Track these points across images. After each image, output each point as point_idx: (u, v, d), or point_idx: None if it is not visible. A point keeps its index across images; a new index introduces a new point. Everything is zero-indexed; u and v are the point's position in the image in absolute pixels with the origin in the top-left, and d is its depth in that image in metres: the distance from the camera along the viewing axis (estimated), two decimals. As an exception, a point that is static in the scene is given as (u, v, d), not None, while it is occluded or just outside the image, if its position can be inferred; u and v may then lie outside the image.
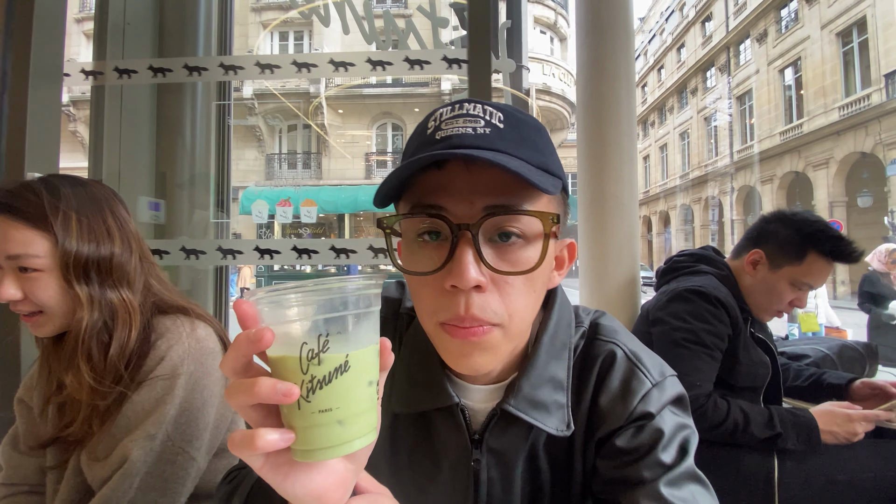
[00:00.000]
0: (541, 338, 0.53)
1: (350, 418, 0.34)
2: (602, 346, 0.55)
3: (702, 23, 21.26)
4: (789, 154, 15.52)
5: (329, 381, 0.33)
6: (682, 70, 22.48)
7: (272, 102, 14.71)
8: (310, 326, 0.34)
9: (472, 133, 0.44)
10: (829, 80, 13.91)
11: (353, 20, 1.66)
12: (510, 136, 0.45)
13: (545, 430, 0.51)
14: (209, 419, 0.77)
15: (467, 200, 0.44)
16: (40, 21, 1.28)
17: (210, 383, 0.77)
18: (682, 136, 23.07)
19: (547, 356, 0.53)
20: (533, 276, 0.46)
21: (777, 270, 1.20)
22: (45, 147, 1.30)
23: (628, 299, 1.50)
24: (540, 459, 0.55)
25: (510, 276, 0.44)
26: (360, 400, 0.35)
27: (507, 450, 0.54)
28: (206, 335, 0.79)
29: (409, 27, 1.65)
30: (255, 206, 1.60)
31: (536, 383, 0.52)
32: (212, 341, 0.79)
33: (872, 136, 12.56)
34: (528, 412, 0.51)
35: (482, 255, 0.43)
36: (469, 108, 0.46)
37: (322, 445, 0.33)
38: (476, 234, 0.43)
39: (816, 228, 1.16)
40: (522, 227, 0.45)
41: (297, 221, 13.81)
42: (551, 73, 14.92)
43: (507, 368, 0.54)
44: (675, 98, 23.70)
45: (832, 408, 1.09)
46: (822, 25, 14.16)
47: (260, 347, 0.32)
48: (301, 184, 14.58)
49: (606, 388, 0.53)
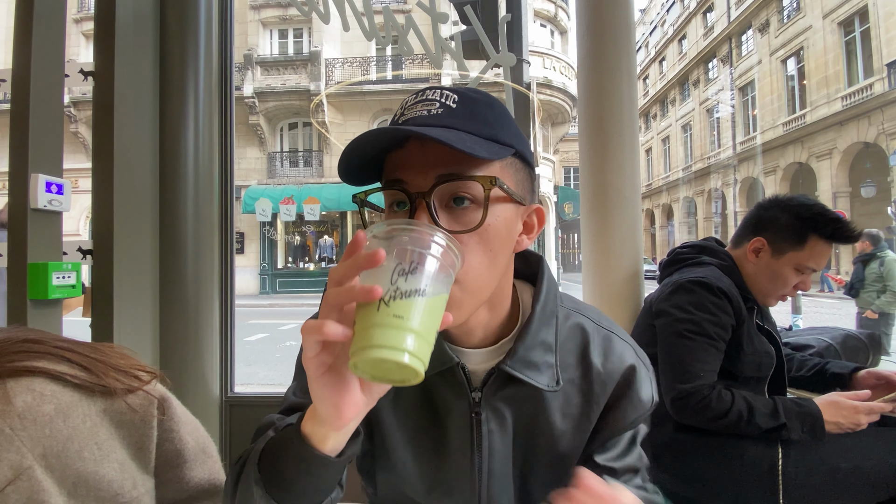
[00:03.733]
0: (535, 307, 0.60)
1: (415, 334, 0.38)
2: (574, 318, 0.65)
3: (703, 13, 21.12)
4: (792, 145, 15.45)
5: (408, 296, 0.38)
6: (684, 62, 22.35)
7: (273, 101, 14.71)
8: (402, 254, 0.41)
9: (426, 115, 0.51)
10: (832, 70, 13.83)
11: (353, 17, 1.66)
12: (461, 114, 0.51)
13: (538, 386, 0.59)
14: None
15: (422, 173, 0.50)
16: (40, 20, 1.29)
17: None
18: (684, 129, 22.97)
19: (539, 323, 0.60)
20: (486, 235, 0.51)
21: (780, 257, 1.20)
22: (48, 148, 1.31)
23: (631, 292, 1.50)
24: (538, 416, 0.62)
25: (462, 235, 0.50)
26: (426, 329, 0.39)
27: (505, 405, 0.61)
28: (33, 402, 0.47)
29: (408, 23, 1.65)
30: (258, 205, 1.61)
31: (530, 346, 0.59)
32: (45, 405, 0.48)
33: (875, 125, 12.49)
34: (523, 371, 0.58)
35: (435, 219, 0.49)
36: (428, 94, 0.53)
37: (385, 343, 0.37)
38: (430, 201, 0.49)
39: (815, 212, 1.16)
40: (473, 192, 0.50)
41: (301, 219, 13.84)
42: (552, 67, 14.84)
43: (497, 333, 0.61)
44: (676, 90, 23.58)
45: (838, 398, 1.09)
46: (824, 15, 14.06)
47: (375, 263, 0.38)
48: (303, 182, 14.60)
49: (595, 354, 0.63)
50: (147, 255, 1.58)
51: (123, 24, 1.45)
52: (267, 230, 14.53)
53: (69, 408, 0.49)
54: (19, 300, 1.27)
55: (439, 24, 1.65)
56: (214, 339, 1.73)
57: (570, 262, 29.70)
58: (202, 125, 1.69)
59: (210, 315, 1.71)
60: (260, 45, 15.21)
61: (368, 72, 15.12)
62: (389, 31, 1.72)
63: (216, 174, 1.74)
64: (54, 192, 1.29)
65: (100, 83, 1.43)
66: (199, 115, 1.68)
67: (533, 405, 0.61)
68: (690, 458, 1.15)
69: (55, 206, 1.29)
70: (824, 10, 14.01)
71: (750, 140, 17.63)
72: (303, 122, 15.55)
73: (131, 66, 1.51)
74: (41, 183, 1.27)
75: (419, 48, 1.72)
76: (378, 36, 1.69)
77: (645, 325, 1.28)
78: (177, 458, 0.58)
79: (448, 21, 1.70)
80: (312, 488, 0.49)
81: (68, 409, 0.49)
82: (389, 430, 0.64)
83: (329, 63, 14.76)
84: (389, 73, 15.18)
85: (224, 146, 1.77)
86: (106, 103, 1.42)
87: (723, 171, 18.99)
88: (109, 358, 0.55)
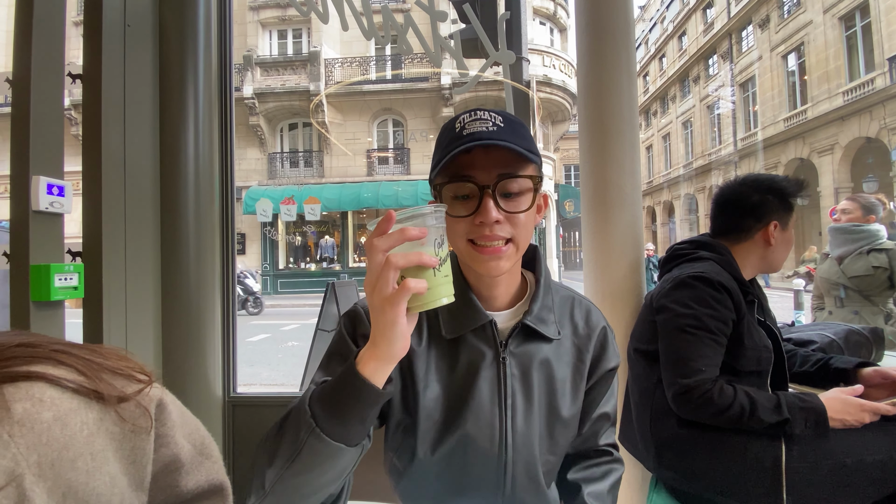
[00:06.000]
0: (539, 280, 0.84)
1: (450, 284, 0.60)
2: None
3: (703, 9, 21.06)
4: (794, 141, 15.40)
5: (445, 260, 0.59)
6: (684, 58, 22.31)
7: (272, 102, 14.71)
8: (435, 231, 0.59)
9: (485, 130, 0.70)
10: (833, 65, 13.77)
11: (352, 16, 1.66)
12: (508, 131, 0.71)
13: (546, 334, 0.80)
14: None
15: (486, 171, 0.71)
16: (40, 23, 1.29)
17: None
18: (684, 125, 22.92)
19: (543, 292, 0.83)
20: (530, 213, 0.74)
21: (786, 228, 1.31)
22: (49, 150, 1.31)
23: (632, 289, 1.50)
24: (547, 362, 0.81)
25: (519, 215, 0.72)
26: (453, 276, 0.63)
27: (524, 353, 0.80)
28: (31, 408, 0.45)
29: (407, 22, 1.65)
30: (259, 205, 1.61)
31: (541, 308, 0.81)
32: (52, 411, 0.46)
33: (877, 120, 12.44)
34: (538, 325, 0.79)
35: (498, 203, 0.70)
36: (481, 115, 0.73)
37: (443, 295, 0.58)
38: (493, 191, 0.70)
39: (782, 180, 1.33)
40: (520, 186, 0.73)
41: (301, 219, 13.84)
42: (552, 65, 14.82)
43: (512, 299, 0.83)
44: (677, 87, 23.53)
45: (844, 396, 1.09)
46: (824, 10, 13.99)
47: (422, 236, 0.56)
48: (303, 182, 14.60)
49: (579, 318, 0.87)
50: (149, 256, 1.59)
51: (111, 27, 1.45)
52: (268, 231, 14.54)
53: (67, 415, 0.48)
54: (22, 302, 1.28)
55: (438, 23, 1.65)
56: (216, 339, 1.73)
57: (571, 260, 29.66)
58: (202, 126, 1.69)
59: (212, 316, 1.72)
60: (259, 45, 15.21)
61: (368, 71, 15.12)
62: (388, 30, 1.72)
63: (217, 175, 1.74)
64: (55, 194, 1.29)
65: (88, 86, 1.43)
66: (199, 117, 1.68)
67: (543, 354, 0.81)
68: (693, 454, 1.15)
69: (56, 208, 1.30)
70: (825, 4, 13.95)
71: (751, 136, 17.59)
72: (303, 122, 15.55)
73: (128, 69, 1.51)
74: (42, 185, 1.27)
75: (418, 47, 1.72)
76: (377, 35, 1.69)
77: (646, 322, 1.29)
78: (173, 464, 0.56)
79: (447, 19, 1.70)
80: (361, 419, 0.61)
81: (66, 417, 0.48)
82: (419, 374, 0.79)
83: (328, 63, 14.76)
84: (389, 73, 15.18)
85: (224, 147, 1.77)
86: (94, 106, 1.42)
87: (724, 168, 18.94)
88: (106, 360, 0.53)
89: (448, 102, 14.26)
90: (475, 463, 0.78)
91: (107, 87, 1.43)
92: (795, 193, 1.32)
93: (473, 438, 0.77)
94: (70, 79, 1.43)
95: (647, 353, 1.26)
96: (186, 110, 1.66)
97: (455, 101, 14.21)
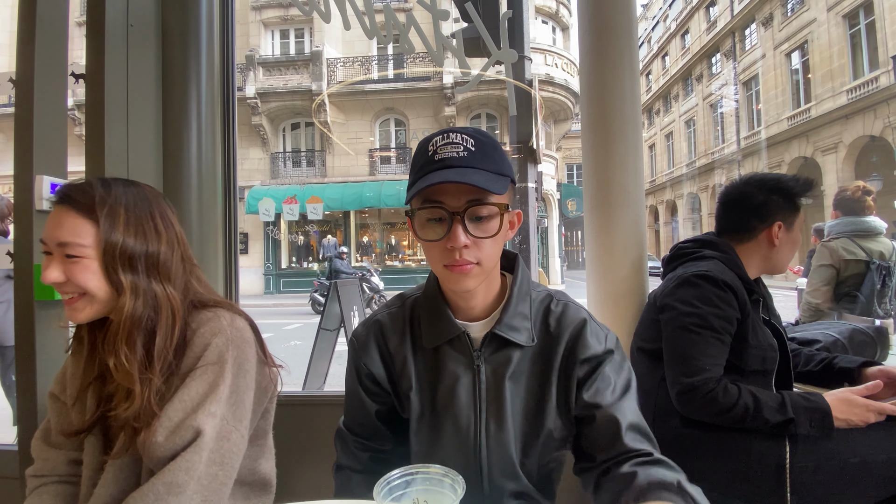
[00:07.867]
0: (513, 289, 0.86)
1: None
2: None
3: (706, 8, 20.99)
4: (797, 139, 15.34)
5: None
6: (687, 57, 22.23)
7: (275, 101, 14.74)
8: None
9: (455, 156, 0.75)
10: (837, 63, 13.71)
11: (354, 16, 1.66)
12: (479, 155, 0.75)
13: (517, 342, 0.83)
14: (250, 402, 0.86)
15: (456, 197, 0.75)
16: (43, 24, 1.29)
17: (250, 369, 0.86)
18: (687, 124, 22.86)
19: (516, 300, 0.85)
20: (498, 237, 0.78)
21: (791, 229, 1.29)
22: (53, 150, 1.31)
23: (635, 288, 1.50)
24: (523, 371, 0.85)
25: (486, 239, 0.76)
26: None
27: (497, 360, 0.84)
28: (243, 326, 0.88)
29: (409, 21, 1.65)
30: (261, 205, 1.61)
31: (512, 316, 0.84)
32: (248, 332, 0.88)
33: (881, 118, 12.38)
34: (507, 333, 0.83)
35: (467, 229, 0.75)
36: (453, 138, 0.76)
37: None
38: (462, 216, 0.74)
39: (788, 180, 1.30)
40: (489, 211, 0.76)
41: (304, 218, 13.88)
42: (554, 64, 14.79)
43: (489, 309, 0.86)
44: (680, 85, 23.46)
45: (850, 396, 1.08)
46: (828, 8, 13.93)
47: None
48: (306, 181, 14.62)
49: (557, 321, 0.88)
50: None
51: (114, 27, 1.45)
52: (270, 230, 14.56)
53: (253, 343, 0.89)
54: (26, 301, 1.28)
55: (440, 22, 1.64)
56: (220, 339, 1.73)
57: (573, 260, 29.63)
58: (205, 126, 1.69)
59: (215, 315, 1.71)
60: (261, 45, 15.24)
61: (370, 71, 15.12)
62: (391, 29, 1.72)
63: (219, 175, 1.74)
64: (59, 194, 1.29)
65: (91, 86, 1.43)
66: (201, 117, 1.68)
67: (516, 360, 0.84)
68: (697, 454, 1.14)
69: (60, 208, 1.30)
70: (828, 2, 13.88)
71: (754, 135, 17.52)
72: (305, 122, 15.57)
73: (131, 69, 1.51)
74: (46, 185, 1.28)
75: (420, 46, 1.72)
76: (379, 34, 1.69)
77: (650, 321, 1.28)
78: (192, 361, 0.82)
79: (449, 18, 1.70)
80: None
81: (252, 343, 0.88)
82: (412, 379, 0.87)
83: (330, 63, 14.77)
84: (391, 72, 15.18)
85: (227, 147, 1.77)
86: (97, 106, 1.42)
87: (727, 167, 18.88)
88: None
89: (450, 102, 14.25)
90: (455, 467, 0.76)
91: (110, 88, 1.43)
92: (802, 193, 1.30)
93: (453, 442, 0.85)
94: (73, 79, 1.43)
95: (651, 352, 1.26)
96: (189, 110, 1.66)
97: (457, 101, 14.21)
